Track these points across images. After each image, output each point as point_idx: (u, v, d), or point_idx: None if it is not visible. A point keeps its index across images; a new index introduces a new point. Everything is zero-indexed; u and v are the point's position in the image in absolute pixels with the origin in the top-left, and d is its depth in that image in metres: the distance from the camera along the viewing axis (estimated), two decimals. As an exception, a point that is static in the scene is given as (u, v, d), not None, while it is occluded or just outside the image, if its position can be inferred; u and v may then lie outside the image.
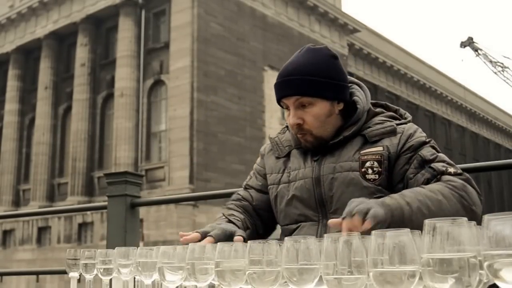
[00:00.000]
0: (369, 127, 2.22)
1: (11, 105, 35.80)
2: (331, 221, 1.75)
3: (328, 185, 2.16)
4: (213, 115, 27.61)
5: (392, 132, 2.17)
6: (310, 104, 2.17)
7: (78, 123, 31.44)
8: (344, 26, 36.76)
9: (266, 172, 2.37)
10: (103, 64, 32.36)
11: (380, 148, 2.14)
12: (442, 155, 2.14)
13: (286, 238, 1.31)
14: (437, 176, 2.04)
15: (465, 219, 1.12)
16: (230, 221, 2.16)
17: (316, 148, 2.22)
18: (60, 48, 34.58)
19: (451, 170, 2.06)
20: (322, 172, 2.18)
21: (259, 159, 2.48)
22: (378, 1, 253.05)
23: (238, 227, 2.13)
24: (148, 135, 29.62)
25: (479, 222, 1.97)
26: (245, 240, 1.97)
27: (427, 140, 2.19)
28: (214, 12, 28.81)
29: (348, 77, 2.31)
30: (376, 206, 1.77)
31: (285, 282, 1.31)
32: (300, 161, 2.26)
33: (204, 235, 1.98)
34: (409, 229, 1.19)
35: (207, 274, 1.46)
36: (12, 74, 36.16)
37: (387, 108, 2.41)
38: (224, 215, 2.23)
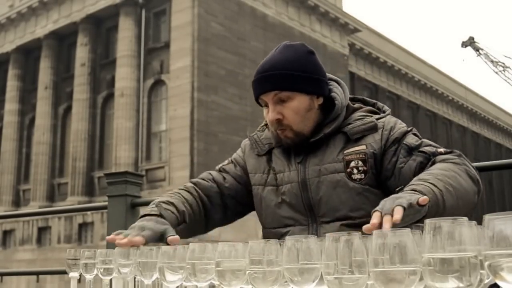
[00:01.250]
0: (349, 123, 2.20)
1: (11, 105, 35.81)
2: (366, 227, 1.58)
3: (315, 189, 2.14)
4: (214, 115, 27.62)
5: (373, 128, 2.16)
6: (289, 99, 2.15)
7: (78, 123, 31.45)
8: (345, 26, 36.77)
9: (249, 171, 2.34)
10: (103, 64, 32.37)
11: (363, 147, 2.13)
12: (426, 140, 2.13)
13: (287, 237, 1.31)
14: (429, 157, 2.04)
15: (466, 218, 1.12)
16: (161, 215, 2.06)
17: (297, 144, 2.20)
18: (60, 48, 34.59)
19: (441, 149, 2.06)
20: (307, 176, 2.16)
21: (239, 151, 2.44)
22: (379, 1, 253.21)
23: (171, 223, 2.05)
24: (149, 135, 29.62)
25: (481, 195, 1.96)
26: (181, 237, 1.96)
27: (408, 129, 2.18)
28: (214, 12, 28.81)
29: (327, 74, 2.29)
30: (412, 196, 1.68)
31: (286, 282, 1.31)
32: (283, 163, 2.24)
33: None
34: (409, 229, 1.19)
35: (207, 274, 1.45)
36: (12, 74, 36.17)
37: (365, 102, 2.41)
38: (158, 204, 2.13)
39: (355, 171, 2.10)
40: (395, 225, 1.55)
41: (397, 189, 1.87)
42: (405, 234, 1.17)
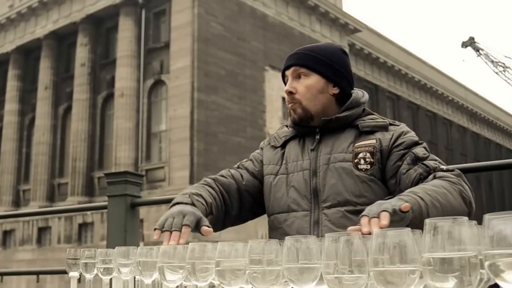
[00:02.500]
0: (363, 120, 2.31)
1: (11, 105, 35.80)
2: (352, 229, 1.67)
3: (323, 175, 2.22)
4: (214, 115, 27.60)
5: (384, 127, 2.27)
6: (305, 76, 2.31)
7: (78, 123, 31.43)
8: (345, 26, 36.76)
9: (264, 163, 2.43)
10: (103, 64, 32.35)
11: (373, 141, 2.22)
12: (433, 156, 2.20)
13: (286, 237, 1.31)
14: (429, 172, 2.10)
15: (466, 218, 1.12)
16: (193, 204, 2.12)
17: (303, 121, 2.31)
18: (60, 48, 34.58)
19: (443, 167, 2.13)
20: (318, 163, 2.24)
21: (259, 149, 2.54)
22: (379, 1, 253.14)
23: (202, 213, 2.09)
24: (148, 135, 29.61)
25: (472, 216, 2.03)
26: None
27: (420, 141, 2.26)
28: (214, 12, 28.80)
29: (355, 88, 2.42)
30: (397, 202, 1.77)
31: (286, 281, 1.31)
32: (298, 153, 2.33)
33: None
34: (409, 229, 1.19)
35: (207, 273, 1.45)
36: (12, 74, 36.15)
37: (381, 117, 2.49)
38: (190, 195, 2.18)
39: (362, 161, 2.19)
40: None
41: (385, 198, 1.93)
42: (405, 233, 1.17)
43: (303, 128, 2.35)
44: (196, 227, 1.96)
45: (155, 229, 1.95)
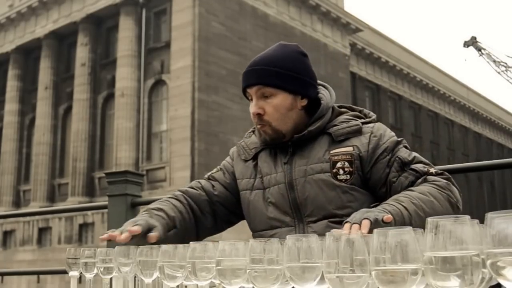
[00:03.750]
0: (335, 125, 2.23)
1: (11, 105, 35.82)
2: (335, 231, 1.68)
3: (301, 189, 2.16)
4: (215, 115, 27.61)
5: (358, 132, 2.19)
6: (272, 95, 2.19)
7: (79, 123, 31.45)
8: (347, 26, 36.75)
9: (237, 177, 2.36)
10: (103, 63, 32.37)
11: (350, 148, 2.15)
12: (417, 155, 2.17)
13: (288, 236, 1.31)
14: (420, 177, 2.07)
15: (468, 217, 1.12)
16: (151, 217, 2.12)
17: (275, 141, 2.23)
18: (60, 48, 34.59)
19: (432, 170, 2.10)
20: (294, 176, 2.18)
21: (229, 158, 2.47)
22: (380, 1, 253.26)
23: (162, 227, 2.09)
24: (149, 135, 29.63)
25: None
26: (161, 240, 1.96)
27: (399, 139, 2.21)
28: (215, 11, 28.81)
29: (319, 87, 2.33)
30: (380, 213, 1.79)
31: (287, 280, 1.31)
32: (270, 165, 2.26)
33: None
34: (411, 227, 1.19)
35: (208, 273, 1.45)
36: (12, 74, 36.17)
37: (352, 109, 2.41)
38: (148, 211, 2.18)
39: (341, 171, 2.13)
40: None
41: (371, 206, 1.94)
42: (406, 232, 1.16)
43: (275, 144, 2.27)
44: (148, 232, 1.97)
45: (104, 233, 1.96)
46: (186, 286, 1.60)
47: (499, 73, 52.24)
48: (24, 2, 35.18)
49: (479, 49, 50.66)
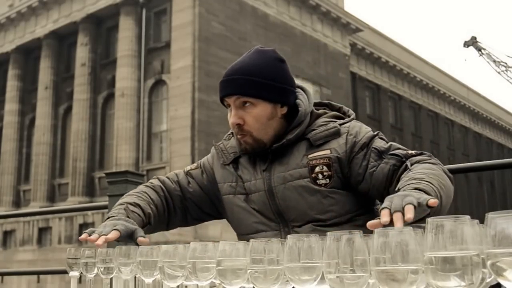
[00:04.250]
0: (313, 129, 2.20)
1: (11, 105, 35.81)
2: (370, 223, 1.53)
3: (282, 196, 2.14)
4: (215, 115, 27.58)
5: (336, 134, 2.16)
6: (251, 105, 2.15)
7: (79, 123, 31.44)
8: (347, 26, 36.74)
9: (217, 180, 2.34)
10: (103, 63, 32.36)
11: (328, 152, 2.13)
12: (394, 143, 2.14)
13: (288, 236, 1.31)
14: (402, 160, 2.03)
15: (468, 217, 1.12)
16: (128, 217, 2.10)
17: (259, 152, 2.20)
18: (60, 48, 34.59)
19: (412, 152, 2.07)
20: (273, 183, 2.16)
21: (210, 156, 2.45)
22: (380, 1, 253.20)
23: (137, 224, 2.09)
24: (149, 135, 29.62)
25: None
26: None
27: (375, 133, 2.19)
28: (215, 11, 28.81)
29: (297, 89, 2.29)
30: (420, 195, 1.64)
31: (287, 280, 1.31)
32: (249, 172, 2.24)
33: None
34: (411, 227, 1.19)
35: (208, 273, 1.45)
36: (12, 74, 36.16)
37: (331, 107, 2.39)
38: (126, 207, 2.17)
39: (320, 176, 2.11)
40: (406, 224, 1.50)
41: (396, 189, 1.83)
42: (407, 232, 1.16)
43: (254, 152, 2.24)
44: (130, 237, 1.97)
45: (84, 233, 1.96)
46: (186, 286, 1.60)
47: (499, 73, 52.24)
48: (24, 2, 35.17)
49: (479, 49, 50.66)
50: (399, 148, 2.10)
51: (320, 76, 32.31)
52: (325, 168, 2.10)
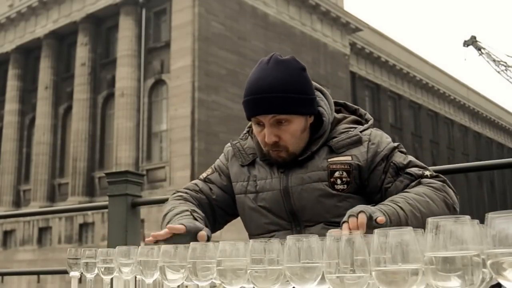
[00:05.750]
0: (334, 137, 2.21)
1: (11, 105, 35.81)
2: (332, 231, 1.64)
3: (297, 197, 2.15)
4: (215, 114, 27.61)
5: (358, 142, 2.18)
6: (287, 121, 2.14)
7: (79, 123, 31.44)
8: (346, 25, 36.73)
9: (232, 179, 2.34)
10: (103, 63, 32.36)
11: (349, 158, 2.14)
12: (413, 159, 2.17)
13: (288, 236, 1.31)
14: (415, 180, 2.08)
15: (468, 217, 1.12)
16: (194, 219, 2.13)
17: (287, 162, 2.20)
18: (60, 48, 34.59)
19: (427, 173, 2.10)
20: (290, 184, 2.17)
21: (222, 157, 2.44)
22: (380, 1, 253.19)
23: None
24: (149, 135, 29.62)
25: None
26: (208, 238, 2.00)
27: (396, 144, 2.20)
28: (215, 11, 28.81)
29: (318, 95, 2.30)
30: (376, 211, 1.81)
31: (287, 280, 1.31)
32: (266, 171, 2.24)
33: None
34: (411, 227, 1.19)
35: (208, 273, 1.45)
36: (12, 74, 36.16)
37: (346, 107, 2.40)
38: (188, 211, 2.18)
39: (338, 181, 2.12)
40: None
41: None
42: (407, 233, 1.17)
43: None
44: (196, 235, 1.98)
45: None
46: (186, 287, 1.60)
47: (499, 72, 52.21)
48: (24, 2, 35.17)
49: (479, 48, 50.64)
50: (416, 166, 2.13)
51: (319, 75, 32.28)
52: (344, 174, 2.12)
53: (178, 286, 1.57)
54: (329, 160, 2.15)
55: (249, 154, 2.32)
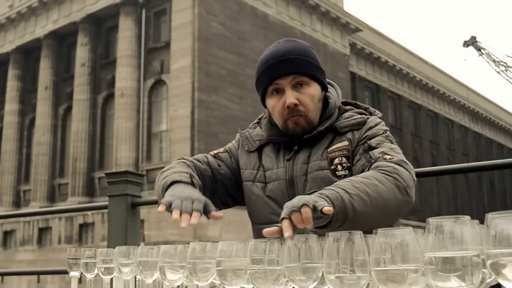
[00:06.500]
0: (340, 122, 2.22)
1: (11, 105, 35.81)
2: (266, 230, 1.58)
3: (301, 187, 2.14)
4: (214, 115, 27.60)
5: (362, 124, 2.18)
6: (306, 84, 2.17)
7: (79, 123, 31.45)
8: (346, 26, 36.74)
9: (241, 166, 2.35)
10: (103, 64, 32.36)
11: (346, 143, 2.13)
12: (388, 144, 2.10)
13: (288, 237, 1.31)
14: (371, 162, 2.02)
15: (468, 217, 1.12)
16: (192, 183, 2.09)
17: (305, 133, 2.19)
18: (60, 48, 34.59)
19: (387, 156, 2.02)
20: (295, 173, 2.17)
21: (235, 142, 2.45)
22: (380, 1, 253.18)
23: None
24: (149, 135, 29.61)
25: (411, 205, 1.92)
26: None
27: (382, 131, 2.16)
28: (215, 11, 28.81)
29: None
30: (318, 200, 1.67)
31: (287, 281, 1.31)
32: (273, 160, 2.25)
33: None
34: (411, 228, 1.19)
35: (208, 273, 1.45)
36: (12, 74, 36.17)
37: (357, 106, 2.40)
38: (188, 174, 2.14)
39: (339, 167, 2.11)
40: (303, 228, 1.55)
41: (308, 192, 1.87)
42: (407, 233, 1.17)
43: (281, 138, 2.25)
44: (204, 213, 1.91)
45: (159, 204, 1.91)
46: (186, 287, 1.60)
47: (498, 72, 52.22)
48: (24, 2, 35.18)
49: (478, 48, 50.65)
50: (382, 151, 2.05)
51: (320, 76, 32.16)
52: (344, 159, 2.11)
53: (178, 286, 1.57)
54: (329, 149, 2.14)
55: (255, 140, 2.34)
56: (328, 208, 1.60)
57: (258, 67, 2.25)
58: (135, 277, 1.76)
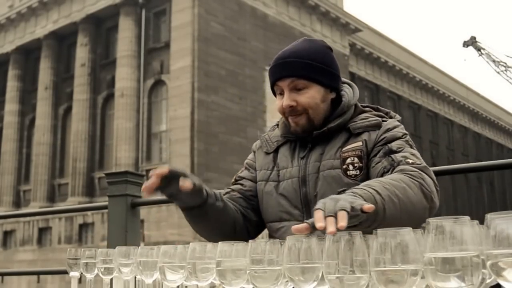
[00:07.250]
0: (355, 122, 2.21)
1: (11, 106, 35.83)
2: (295, 227, 1.49)
3: (313, 185, 2.15)
4: (214, 115, 27.61)
5: (376, 126, 2.17)
6: (305, 88, 2.18)
7: (79, 124, 31.45)
8: (346, 26, 36.76)
9: (256, 168, 2.36)
10: (103, 64, 32.38)
11: (360, 143, 2.13)
12: (409, 149, 2.10)
13: (288, 237, 1.31)
14: (393, 165, 2.02)
15: (468, 217, 1.12)
16: (222, 201, 2.14)
17: (306, 133, 2.20)
18: (60, 48, 34.60)
19: (409, 160, 2.02)
20: (308, 171, 2.18)
21: (251, 155, 2.46)
22: (380, 1, 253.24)
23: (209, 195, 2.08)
24: (149, 135, 29.63)
25: (434, 212, 1.90)
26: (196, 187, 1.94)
27: (401, 134, 2.17)
28: (214, 12, 28.81)
29: (344, 84, 2.32)
30: (354, 200, 1.61)
31: (287, 281, 1.31)
32: (288, 159, 2.26)
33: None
34: (411, 228, 1.19)
35: (208, 273, 1.45)
36: (12, 75, 36.18)
37: (377, 111, 2.37)
38: (217, 193, 2.16)
39: (350, 167, 2.11)
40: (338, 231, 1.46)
41: (339, 190, 1.87)
42: (406, 233, 1.17)
43: (295, 137, 2.26)
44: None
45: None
46: (186, 287, 1.60)
47: (498, 73, 52.23)
48: (24, 2, 35.19)
49: (478, 49, 50.64)
50: (404, 156, 2.05)
51: (319, 76, 32.14)
52: (356, 159, 2.11)
53: (178, 286, 1.57)
54: (342, 149, 2.14)
55: (273, 142, 2.35)
56: (369, 206, 1.56)
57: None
58: (135, 277, 1.76)
